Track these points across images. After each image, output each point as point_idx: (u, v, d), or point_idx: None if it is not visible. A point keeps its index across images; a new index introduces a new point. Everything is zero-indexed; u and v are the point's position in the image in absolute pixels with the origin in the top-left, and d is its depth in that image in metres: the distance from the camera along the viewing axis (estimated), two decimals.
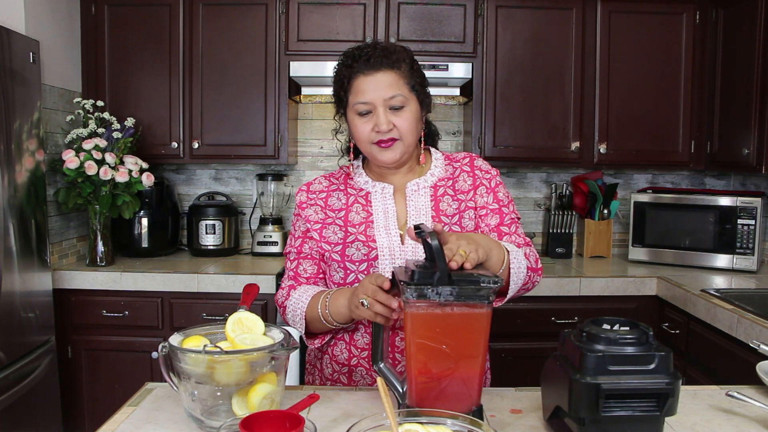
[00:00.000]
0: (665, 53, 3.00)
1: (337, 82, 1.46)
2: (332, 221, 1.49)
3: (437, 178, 1.51)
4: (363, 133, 1.42)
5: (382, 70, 1.39)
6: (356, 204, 1.50)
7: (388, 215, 1.47)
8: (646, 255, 3.03)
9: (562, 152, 3.03)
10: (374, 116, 1.40)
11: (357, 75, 1.40)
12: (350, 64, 1.42)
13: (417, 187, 1.49)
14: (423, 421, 0.99)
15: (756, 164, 2.65)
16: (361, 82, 1.40)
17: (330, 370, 1.51)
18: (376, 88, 1.39)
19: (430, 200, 1.48)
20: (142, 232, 3.04)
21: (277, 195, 3.26)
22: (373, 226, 1.46)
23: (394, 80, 1.40)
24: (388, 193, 1.49)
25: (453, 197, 1.49)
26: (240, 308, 1.28)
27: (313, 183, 1.57)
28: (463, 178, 1.51)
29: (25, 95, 2.40)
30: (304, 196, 1.55)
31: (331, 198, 1.53)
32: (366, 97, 1.39)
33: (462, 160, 1.55)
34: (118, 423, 1.19)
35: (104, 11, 2.95)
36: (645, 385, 1.02)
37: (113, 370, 2.73)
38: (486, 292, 1.08)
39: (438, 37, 2.95)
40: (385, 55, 1.40)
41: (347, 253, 1.45)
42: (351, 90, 1.42)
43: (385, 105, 1.39)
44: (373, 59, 1.39)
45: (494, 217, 1.48)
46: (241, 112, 2.99)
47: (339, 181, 1.56)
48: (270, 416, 1.06)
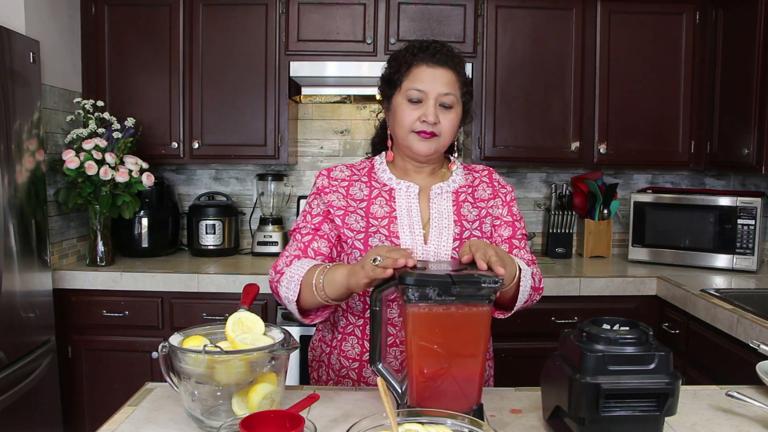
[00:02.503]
0: (665, 53, 3.00)
1: (393, 66, 1.50)
2: (354, 210, 1.49)
3: (458, 185, 1.55)
4: (408, 119, 1.45)
5: (445, 67, 1.46)
6: (380, 198, 1.50)
7: (412, 214, 1.48)
8: (646, 255, 3.03)
9: (562, 152, 3.03)
10: (423, 106, 1.44)
11: (419, 64, 1.45)
12: (415, 53, 1.47)
13: (441, 190, 1.52)
14: (423, 421, 1.00)
15: (756, 164, 2.65)
16: (422, 72, 1.45)
17: (338, 366, 1.51)
18: (434, 80, 1.44)
19: (452, 205, 1.51)
20: (142, 232, 3.04)
21: (277, 195, 3.26)
22: (397, 222, 1.47)
23: (452, 80, 1.47)
24: (413, 192, 1.50)
25: (473, 204, 1.53)
26: (240, 308, 1.29)
27: (334, 170, 1.55)
28: (483, 188, 1.57)
29: (25, 95, 2.40)
30: (326, 182, 1.52)
31: (353, 188, 1.52)
32: (423, 85, 1.44)
33: (481, 171, 1.62)
34: (118, 423, 1.19)
35: (104, 11, 2.95)
36: (645, 385, 1.02)
37: (113, 370, 2.73)
38: (487, 291, 1.08)
39: (438, 37, 2.94)
40: (450, 56, 1.48)
41: (370, 243, 1.45)
42: (408, 75, 1.46)
43: (437, 100, 1.44)
44: (439, 55, 1.46)
45: (507, 229, 1.55)
46: (241, 112, 2.99)
47: (361, 173, 1.55)
48: (270, 416, 1.06)
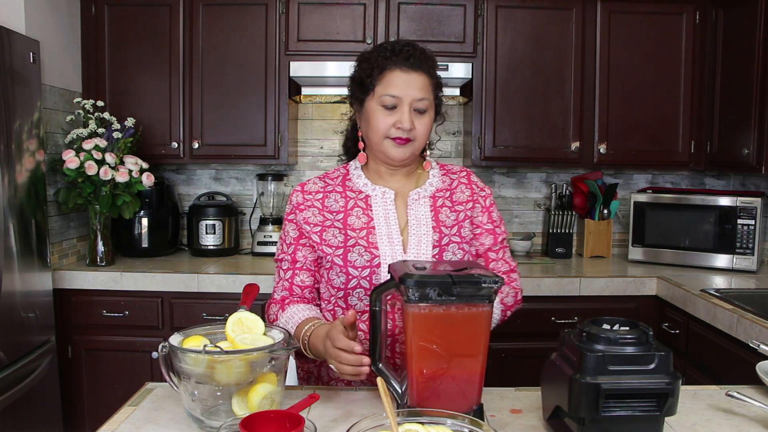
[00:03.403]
0: (665, 53, 3.00)
1: (364, 69, 1.46)
2: (331, 224, 1.48)
3: (435, 188, 1.53)
4: (383, 125, 1.43)
5: (419, 72, 1.43)
6: (356, 208, 1.49)
7: (390, 222, 1.47)
8: (646, 255, 3.03)
9: (562, 152, 3.03)
10: (398, 112, 1.42)
11: (393, 68, 1.43)
12: (387, 56, 1.44)
13: (418, 196, 1.51)
14: (423, 421, 1.00)
15: (756, 164, 2.65)
16: (396, 77, 1.42)
17: (327, 378, 1.51)
18: (409, 86, 1.42)
19: (429, 210, 1.50)
20: (142, 232, 3.04)
21: (277, 195, 3.26)
22: (375, 232, 1.45)
23: (425, 84, 1.44)
24: (389, 198, 1.49)
25: (451, 208, 1.52)
26: (240, 308, 1.29)
27: (307, 183, 1.55)
28: (461, 190, 1.55)
29: (25, 95, 2.40)
30: (300, 197, 1.52)
31: (328, 199, 1.51)
32: (398, 91, 1.42)
33: (459, 172, 1.60)
34: (118, 423, 1.19)
35: (104, 11, 2.95)
36: (645, 385, 1.03)
37: (113, 370, 2.73)
38: (487, 291, 1.09)
39: (438, 37, 2.95)
40: (423, 59, 1.45)
41: (349, 258, 1.44)
42: (381, 80, 1.43)
43: (411, 105, 1.43)
44: (413, 59, 1.43)
45: (488, 237, 1.55)
46: (241, 112, 2.99)
47: (335, 182, 1.54)
48: (270, 416, 1.06)
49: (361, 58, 1.50)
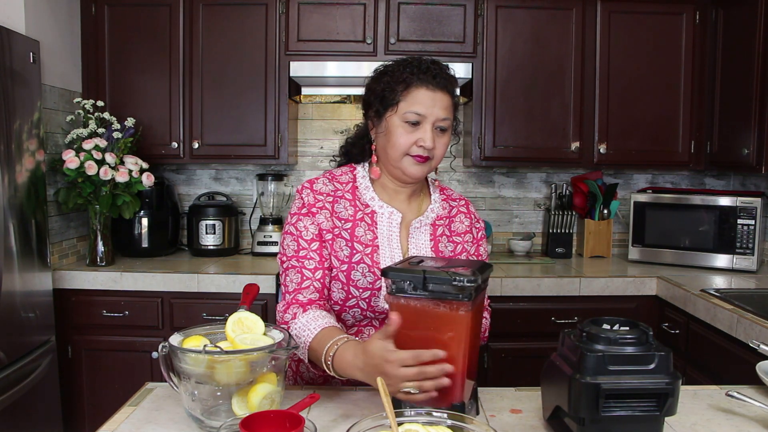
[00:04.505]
0: (665, 53, 3.00)
1: (387, 83, 1.42)
2: (339, 233, 1.45)
3: (436, 215, 1.53)
4: (404, 142, 1.41)
5: (444, 91, 1.42)
6: (363, 222, 1.47)
7: (393, 245, 1.47)
8: (646, 255, 3.03)
9: (562, 152, 3.03)
10: (420, 130, 1.40)
11: (419, 85, 1.40)
12: (414, 72, 1.41)
13: (420, 224, 1.51)
14: (423, 422, 1.00)
15: (756, 164, 2.65)
16: (422, 94, 1.40)
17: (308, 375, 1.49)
18: (434, 105, 1.40)
19: (429, 239, 1.50)
20: (142, 232, 3.04)
21: (277, 195, 3.26)
22: (379, 252, 1.45)
23: (449, 104, 1.43)
24: (395, 221, 1.48)
25: (449, 238, 1.53)
26: (240, 308, 1.29)
27: (316, 182, 1.49)
28: (460, 219, 1.56)
29: (25, 95, 2.40)
30: (312, 198, 1.46)
31: (337, 204, 1.48)
32: (423, 109, 1.39)
33: (458, 200, 1.60)
34: (118, 423, 1.19)
35: (104, 11, 2.95)
36: (645, 385, 1.03)
37: (113, 370, 2.73)
38: (458, 289, 1.09)
39: (438, 37, 2.95)
40: (449, 80, 1.44)
41: (353, 276, 1.42)
42: (407, 97, 1.40)
43: (434, 124, 1.41)
44: (439, 78, 1.41)
45: None
46: (241, 112, 2.99)
47: (345, 188, 1.50)
48: (270, 416, 1.06)
49: (382, 71, 1.46)
